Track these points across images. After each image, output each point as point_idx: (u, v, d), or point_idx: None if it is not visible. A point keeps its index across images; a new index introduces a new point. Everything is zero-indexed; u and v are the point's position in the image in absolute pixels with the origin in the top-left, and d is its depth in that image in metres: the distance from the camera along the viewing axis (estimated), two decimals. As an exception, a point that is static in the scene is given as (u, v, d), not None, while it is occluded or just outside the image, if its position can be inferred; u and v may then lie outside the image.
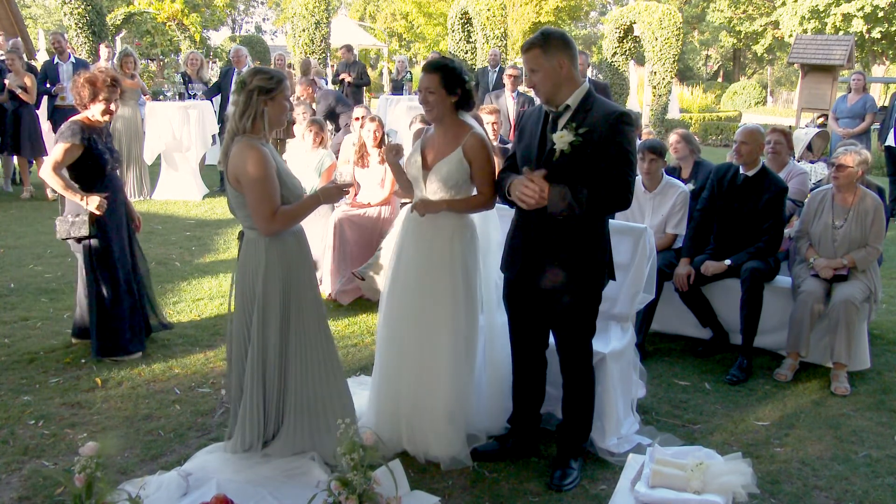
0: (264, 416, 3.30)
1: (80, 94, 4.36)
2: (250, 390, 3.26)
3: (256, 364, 3.24)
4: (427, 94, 3.27)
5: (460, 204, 3.37)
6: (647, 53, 17.38)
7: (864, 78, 10.50)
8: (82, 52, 14.64)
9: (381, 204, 6.00)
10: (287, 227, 3.21)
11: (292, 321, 3.26)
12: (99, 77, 4.36)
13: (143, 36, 22.89)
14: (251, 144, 3.10)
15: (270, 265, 3.19)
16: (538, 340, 3.48)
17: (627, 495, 2.79)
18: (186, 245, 7.40)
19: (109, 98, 4.37)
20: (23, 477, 3.26)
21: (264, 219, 3.11)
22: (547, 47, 3.07)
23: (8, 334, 4.92)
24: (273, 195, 3.10)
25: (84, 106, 4.39)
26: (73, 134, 4.31)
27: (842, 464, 3.59)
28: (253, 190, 3.08)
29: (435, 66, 3.27)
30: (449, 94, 3.27)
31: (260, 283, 3.20)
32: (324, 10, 15.87)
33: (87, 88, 4.33)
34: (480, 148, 3.31)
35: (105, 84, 4.34)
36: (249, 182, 3.07)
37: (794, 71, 30.01)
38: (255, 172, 3.06)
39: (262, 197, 3.08)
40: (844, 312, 4.43)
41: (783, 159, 5.39)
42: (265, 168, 3.07)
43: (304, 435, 3.31)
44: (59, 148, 4.31)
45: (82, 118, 4.40)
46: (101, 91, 4.34)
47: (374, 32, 34.70)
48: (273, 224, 3.12)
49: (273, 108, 3.14)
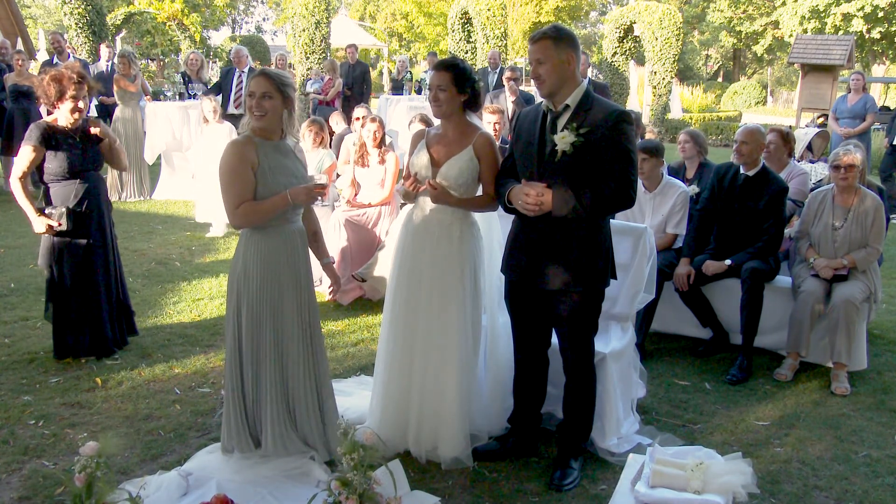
0: (245, 415, 3.28)
1: (47, 93, 4.19)
2: (229, 389, 3.27)
3: (233, 363, 3.25)
4: (438, 91, 3.31)
5: (471, 202, 3.41)
6: (647, 53, 17.38)
7: (864, 78, 10.49)
8: (82, 52, 14.65)
9: (381, 204, 6.00)
10: (252, 222, 3.18)
11: (268, 319, 3.22)
12: (65, 74, 4.19)
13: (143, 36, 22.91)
14: (233, 140, 3.21)
15: (248, 262, 3.21)
16: (540, 340, 3.48)
17: (627, 495, 2.79)
18: (186, 245, 7.40)
19: (77, 95, 4.20)
20: (23, 477, 3.26)
21: (229, 212, 3.18)
22: (558, 40, 3.09)
23: (8, 334, 4.92)
24: (238, 190, 3.12)
25: (53, 105, 4.25)
26: (30, 136, 4.22)
27: (842, 464, 3.59)
28: (222, 182, 3.16)
29: (447, 65, 3.32)
30: (459, 92, 3.31)
31: (237, 279, 3.22)
32: (324, 10, 15.87)
33: (54, 87, 4.17)
34: (490, 147, 3.36)
35: (72, 81, 4.18)
36: (221, 174, 3.16)
37: (794, 71, 29.99)
38: (224, 166, 3.15)
39: (226, 189, 3.15)
40: (844, 312, 4.43)
41: (780, 159, 5.37)
42: (233, 162, 3.12)
43: (288, 434, 3.28)
44: (21, 152, 4.24)
45: (50, 119, 4.30)
46: (68, 88, 4.17)
47: (374, 32, 34.70)
48: (235, 217, 3.17)
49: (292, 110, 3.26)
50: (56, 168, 4.27)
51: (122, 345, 4.67)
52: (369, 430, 2.85)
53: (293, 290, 3.27)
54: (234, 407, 3.26)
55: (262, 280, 3.20)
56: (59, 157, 4.25)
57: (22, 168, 4.25)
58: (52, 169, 4.27)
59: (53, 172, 4.28)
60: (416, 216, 3.48)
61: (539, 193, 3.06)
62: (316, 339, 3.36)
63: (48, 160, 4.27)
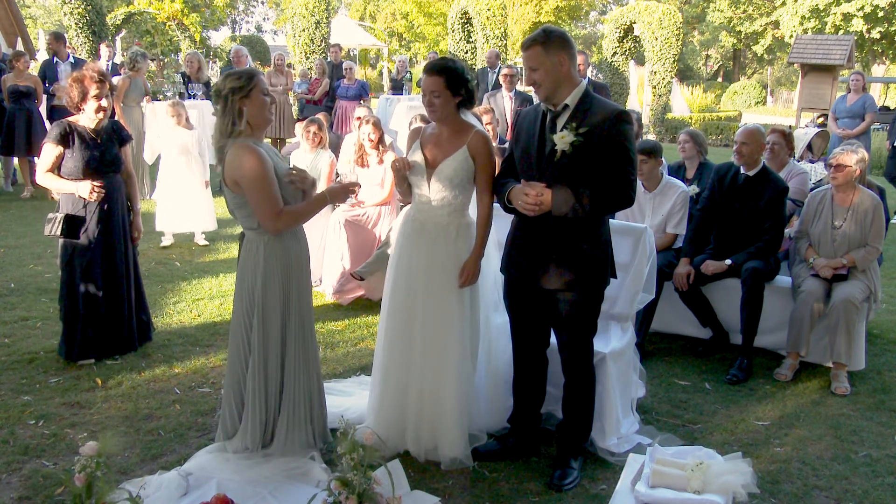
0: (266, 416, 3.31)
1: (70, 95, 4.25)
2: (253, 392, 3.27)
3: (259, 364, 3.25)
4: (432, 97, 3.27)
5: (483, 231, 3.39)
6: (647, 53, 17.40)
7: (864, 78, 10.48)
8: (82, 52, 14.65)
9: (381, 204, 6.00)
10: (293, 225, 3.23)
11: (291, 322, 3.27)
12: (86, 75, 4.24)
13: (143, 36, 22.91)
14: (246, 146, 3.11)
15: (269, 266, 3.20)
16: (539, 340, 3.48)
17: (627, 495, 2.79)
18: (186, 245, 7.40)
19: (100, 94, 4.25)
20: (23, 477, 3.26)
21: (269, 218, 3.11)
22: (548, 44, 3.07)
23: (8, 334, 4.91)
24: (275, 194, 3.11)
25: (77, 108, 4.30)
26: (49, 134, 4.30)
27: (842, 464, 3.59)
28: (254, 191, 3.08)
29: (439, 69, 3.26)
30: (454, 95, 3.28)
31: (259, 284, 3.21)
32: (324, 10, 15.88)
33: (76, 88, 4.23)
34: (485, 146, 3.34)
35: (93, 80, 4.22)
36: (249, 184, 3.08)
37: (794, 71, 30.00)
38: (254, 173, 3.06)
39: (264, 197, 3.09)
40: (844, 312, 4.43)
41: (781, 159, 5.38)
42: (262, 168, 3.07)
43: (302, 434, 3.32)
44: (43, 150, 4.31)
45: (72, 119, 4.33)
46: (90, 88, 4.22)
47: (374, 32, 34.70)
48: (279, 223, 3.13)
49: (251, 106, 3.13)
50: (71, 166, 4.29)
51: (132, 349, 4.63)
52: (369, 430, 2.86)
53: (308, 291, 3.34)
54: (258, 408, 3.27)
55: (288, 282, 3.23)
56: (75, 156, 4.28)
57: (45, 165, 4.31)
58: (68, 167, 4.30)
59: (69, 170, 4.30)
60: (413, 217, 3.48)
61: (538, 193, 3.07)
62: (314, 338, 3.41)
63: (65, 158, 4.29)
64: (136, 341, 4.65)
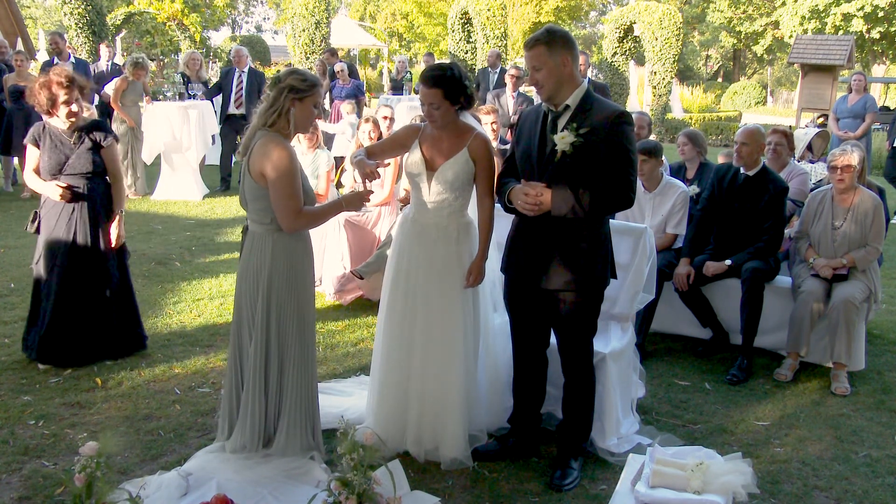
0: (265, 415, 3.30)
1: (38, 101, 4.18)
2: (252, 388, 3.26)
3: (259, 362, 3.24)
4: (431, 108, 3.26)
5: (485, 234, 3.40)
6: (647, 53, 17.40)
7: (865, 79, 10.49)
8: (82, 52, 14.65)
9: (381, 204, 6.00)
10: (308, 227, 3.26)
11: (293, 322, 3.26)
12: (53, 80, 4.16)
13: (143, 36, 22.92)
14: (278, 138, 3.11)
15: (276, 262, 3.19)
16: (539, 340, 3.48)
17: (627, 495, 2.79)
18: (186, 245, 7.39)
19: (69, 100, 4.18)
20: (23, 477, 3.26)
21: (289, 215, 3.10)
22: (551, 44, 3.07)
23: (8, 334, 4.91)
24: (298, 192, 3.11)
25: (48, 113, 4.23)
26: (28, 135, 4.34)
27: (842, 464, 3.59)
28: (279, 185, 3.06)
29: (436, 81, 3.23)
30: (453, 104, 3.27)
31: (265, 279, 3.20)
32: (324, 10, 15.87)
33: (44, 94, 4.16)
34: (486, 149, 3.33)
35: (61, 86, 4.15)
36: (277, 177, 3.05)
37: (794, 71, 30.02)
38: (284, 168, 3.05)
39: (289, 193, 3.07)
40: (844, 312, 4.43)
41: (783, 160, 5.39)
42: (291, 163, 3.07)
43: (302, 434, 3.31)
44: (26, 150, 4.38)
45: (47, 120, 4.32)
46: (59, 94, 4.15)
47: (374, 32, 34.70)
48: (297, 222, 3.13)
49: (300, 110, 3.14)
50: (44, 166, 4.32)
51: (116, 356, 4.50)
52: (369, 430, 2.86)
53: (311, 289, 3.34)
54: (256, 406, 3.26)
55: (293, 280, 3.22)
56: (45, 157, 4.30)
57: (28, 165, 4.39)
58: (42, 167, 4.33)
59: (43, 170, 4.34)
60: (413, 217, 3.48)
61: (538, 193, 3.07)
62: (314, 339, 3.41)
63: (41, 158, 4.32)
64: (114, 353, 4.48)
